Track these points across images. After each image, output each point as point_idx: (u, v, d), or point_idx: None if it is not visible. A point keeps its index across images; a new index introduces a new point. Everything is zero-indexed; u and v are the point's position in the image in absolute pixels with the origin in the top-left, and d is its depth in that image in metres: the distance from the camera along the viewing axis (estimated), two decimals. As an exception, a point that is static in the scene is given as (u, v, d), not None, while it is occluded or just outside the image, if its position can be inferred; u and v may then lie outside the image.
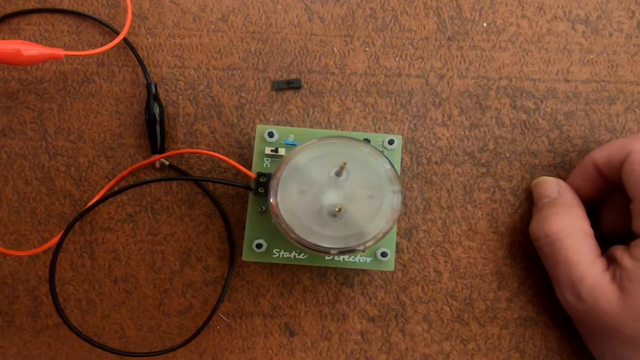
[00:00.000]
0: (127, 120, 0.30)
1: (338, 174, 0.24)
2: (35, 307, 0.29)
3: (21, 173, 0.30)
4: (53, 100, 0.30)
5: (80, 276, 0.29)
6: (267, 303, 0.29)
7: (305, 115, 0.30)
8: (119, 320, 0.29)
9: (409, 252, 0.29)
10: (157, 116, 0.29)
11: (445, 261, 0.29)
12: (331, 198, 0.24)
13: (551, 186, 0.28)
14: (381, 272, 0.29)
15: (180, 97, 0.30)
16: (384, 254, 0.27)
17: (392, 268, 0.27)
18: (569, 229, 0.26)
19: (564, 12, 0.30)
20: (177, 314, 0.29)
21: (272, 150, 0.27)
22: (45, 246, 0.29)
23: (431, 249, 0.29)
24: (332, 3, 0.30)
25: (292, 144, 0.28)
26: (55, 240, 0.29)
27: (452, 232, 0.29)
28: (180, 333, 0.29)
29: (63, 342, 0.29)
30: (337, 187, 0.24)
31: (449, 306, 0.29)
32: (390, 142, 0.28)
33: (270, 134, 0.27)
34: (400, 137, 0.28)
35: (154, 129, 0.29)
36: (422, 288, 0.29)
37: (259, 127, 0.28)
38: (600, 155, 0.27)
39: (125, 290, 0.29)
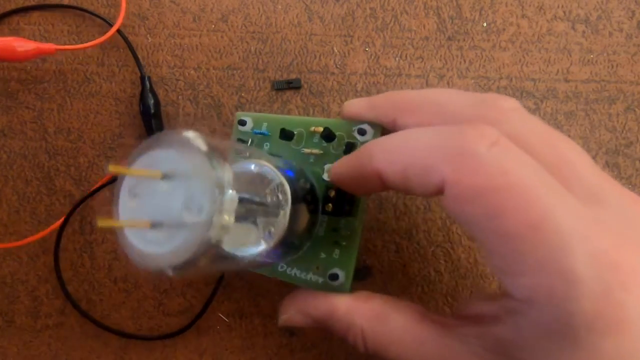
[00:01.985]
0: (127, 120, 0.30)
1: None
2: (35, 307, 0.29)
3: (21, 173, 0.30)
4: (53, 100, 0.30)
5: (80, 276, 0.29)
6: (267, 303, 0.29)
7: (305, 115, 0.30)
8: (119, 321, 0.29)
9: (409, 252, 0.29)
10: (151, 108, 0.28)
11: (446, 261, 0.29)
12: None
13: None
14: (381, 272, 0.29)
15: (180, 97, 0.30)
16: (332, 277, 0.22)
17: (347, 290, 0.23)
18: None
19: (564, 12, 0.30)
20: (177, 314, 0.29)
21: (239, 140, 0.23)
22: (47, 230, 0.29)
23: (431, 249, 0.29)
24: (332, 3, 0.30)
25: (260, 134, 0.24)
26: (58, 224, 0.29)
27: (453, 232, 0.29)
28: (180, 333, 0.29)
29: (63, 342, 0.29)
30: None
31: (449, 306, 0.29)
32: (361, 131, 0.22)
33: (242, 122, 0.23)
34: (380, 127, 0.22)
35: (150, 122, 0.28)
36: (422, 288, 0.29)
37: (238, 114, 0.25)
38: (390, 170, 0.19)
39: (125, 290, 0.29)
